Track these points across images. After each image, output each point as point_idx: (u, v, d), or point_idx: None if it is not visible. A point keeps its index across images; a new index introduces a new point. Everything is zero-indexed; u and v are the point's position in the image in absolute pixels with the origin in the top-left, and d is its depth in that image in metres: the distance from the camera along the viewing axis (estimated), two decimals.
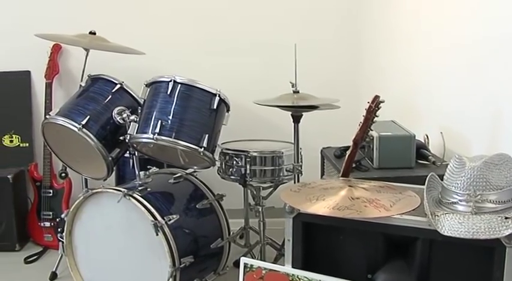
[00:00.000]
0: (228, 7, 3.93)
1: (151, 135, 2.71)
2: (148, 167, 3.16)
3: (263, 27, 3.93)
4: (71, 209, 2.94)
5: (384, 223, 1.84)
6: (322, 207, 1.91)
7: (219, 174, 3.30)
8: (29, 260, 3.69)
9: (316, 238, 2.03)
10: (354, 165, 2.45)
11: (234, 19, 3.94)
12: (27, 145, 4.00)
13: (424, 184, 1.96)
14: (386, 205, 1.89)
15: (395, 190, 2.08)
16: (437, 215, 1.75)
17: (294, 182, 3.07)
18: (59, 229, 3.45)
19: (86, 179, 3.36)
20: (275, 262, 3.23)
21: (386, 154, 2.58)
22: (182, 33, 3.94)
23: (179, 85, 2.79)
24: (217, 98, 2.80)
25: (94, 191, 2.85)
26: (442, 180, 1.90)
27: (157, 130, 2.70)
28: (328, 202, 1.94)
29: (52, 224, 3.80)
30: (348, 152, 2.31)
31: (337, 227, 1.95)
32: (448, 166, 1.86)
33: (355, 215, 1.84)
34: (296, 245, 2.01)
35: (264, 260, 3.13)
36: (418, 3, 3.13)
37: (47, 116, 2.96)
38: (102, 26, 3.55)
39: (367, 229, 1.88)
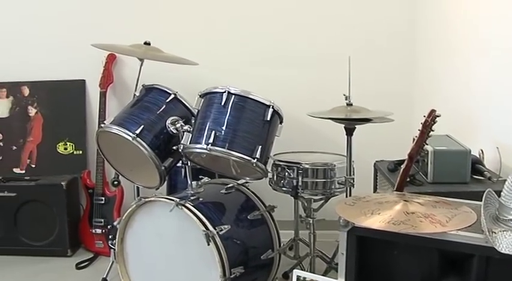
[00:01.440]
0: (282, 19, 3.95)
1: (204, 146, 2.75)
2: (200, 177, 3.20)
3: (317, 39, 3.93)
4: (123, 217, 2.99)
5: (439, 238, 1.83)
6: (377, 221, 1.91)
7: (270, 185, 3.32)
8: (80, 265, 3.77)
9: (370, 252, 2.03)
10: (408, 179, 2.44)
11: (289, 31, 3.95)
12: (80, 152, 4.08)
13: (479, 200, 1.95)
14: (442, 220, 1.89)
15: (451, 205, 2.07)
16: (495, 232, 1.74)
17: (346, 195, 3.08)
18: (110, 236, 3.52)
19: (137, 188, 3.44)
20: (325, 274, 3.24)
21: (441, 169, 2.57)
22: (236, 44, 3.98)
23: (233, 96, 2.83)
24: (270, 110, 2.83)
25: (147, 199, 2.90)
26: (499, 196, 1.88)
27: (210, 141, 2.74)
28: (383, 216, 1.94)
29: (103, 231, 3.87)
30: (403, 166, 2.31)
31: (392, 242, 1.95)
32: (506, 182, 1.84)
33: (411, 230, 1.84)
34: (350, 258, 2.02)
35: (314, 273, 3.13)
36: (475, 13, 3.10)
37: (102, 125, 3.03)
38: (157, 36, 3.63)
39: (422, 244, 1.87)
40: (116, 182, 3.80)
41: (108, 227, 3.77)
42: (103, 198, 3.90)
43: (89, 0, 4.07)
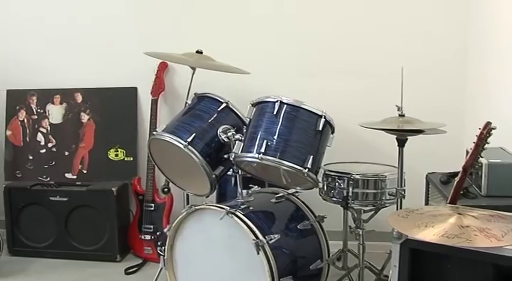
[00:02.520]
0: (335, 28, 3.95)
1: (256, 155, 2.79)
2: (250, 185, 3.23)
3: (370, 50, 3.92)
4: (174, 224, 3.04)
5: (494, 253, 1.82)
6: (430, 234, 1.91)
7: (320, 195, 3.32)
8: (129, 271, 3.84)
9: (423, 265, 2.03)
10: (461, 192, 2.43)
11: (340, 41, 3.95)
12: (131, 159, 4.15)
13: None
14: (498, 234, 1.88)
15: (507, 219, 2.06)
16: None
17: (397, 207, 3.07)
18: (159, 243, 3.58)
19: (187, 195, 3.48)
20: None
21: (496, 182, 2.56)
22: (287, 54, 3.99)
23: (285, 106, 2.86)
24: (322, 120, 2.85)
25: (197, 207, 2.94)
26: None
27: (262, 150, 2.77)
28: (437, 229, 1.94)
29: (152, 237, 3.93)
30: (457, 179, 2.30)
31: (445, 255, 1.95)
32: None
33: (465, 244, 1.84)
34: (402, 271, 2.02)
35: None
36: None
37: (154, 132, 3.09)
38: (209, 45, 3.67)
39: (477, 258, 1.87)
40: (166, 189, 3.85)
41: (157, 233, 3.85)
42: (153, 205, 3.95)
43: (143, 9, 4.15)
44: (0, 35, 4.41)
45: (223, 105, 3.10)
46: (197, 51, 3.56)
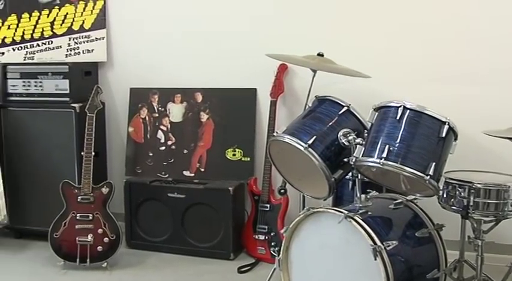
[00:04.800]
0: (461, 34, 3.88)
1: (377, 160, 2.81)
2: (368, 190, 3.23)
3: (498, 56, 3.82)
4: (291, 226, 3.09)
5: None
6: None
7: (440, 203, 3.28)
8: (242, 270, 3.92)
9: None
10: None
11: (467, 46, 3.88)
12: (248, 159, 4.25)
13: None
14: None
15: None
16: None
17: None
18: (273, 243, 3.66)
19: (303, 197, 3.54)
20: None
21: None
22: (409, 59, 3.96)
23: (408, 111, 2.87)
24: (446, 126, 2.84)
25: (315, 210, 2.98)
26: None
27: (384, 155, 2.79)
28: None
29: (266, 237, 4.00)
30: None
31: None
32: None
33: None
34: None
35: None
36: None
37: (275, 134, 3.17)
38: (330, 47, 3.72)
39: None
40: (282, 191, 3.90)
41: (271, 234, 3.92)
42: (268, 205, 4.02)
43: (263, 11, 4.24)
44: (124, 36, 4.65)
45: (345, 108, 3.14)
46: (318, 54, 3.62)
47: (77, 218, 3.93)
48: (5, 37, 4.68)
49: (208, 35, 4.40)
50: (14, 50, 4.69)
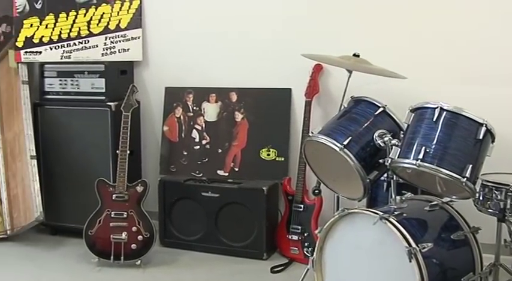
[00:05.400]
0: (501, 34, 3.85)
1: (413, 161, 2.80)
2: (403, 192, 3.23)
3: None
4: (325, 226, 3.10)
5: None
6: None
7: (476, 206, 3.28)
8: (275, 269, 3.94)
9: None
10: None
11: (501, 44, 3.86)
12: (282, 159, 4.26)
13: None
14: None
15: None
16: None
17: None
18: (306, 244, 3.68)
19: (338, 198, 3.55)
20: None
21: None
22: (445, 60, 3.94)
23: (445, 112, 2.85)
24: (483, 128, 2.82)
25: (350, 211, 2.98)
26: None
27: (420, 156, 2.78)
28: None
29: (300, 238, 4.01)
30: None
31: None
32: None
33: None
34: None
35: None
36: None
37: (310, 134, 3.18)
38: (365, 48, 3.72)
39: None
40: (316, 191, 3.90)
41: (305, 234, 3.93)
42: (302, 205, 4.03)
43: (298, 11, 4.26)
44: (159, 36, 4.69)
45: (380, 109, 3.14)
46: (354, 54, 3.62)
47: (112, 216, 3.98)
48: (42, 36, 4.75)
49: (244, 35, 4.43)
50: (51, 49, 4.76)
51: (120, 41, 4.68)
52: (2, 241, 4.52)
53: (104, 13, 4.69)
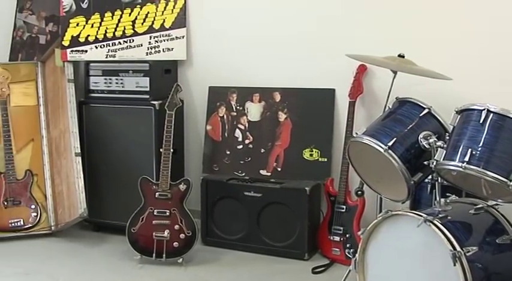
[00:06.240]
0: None
1: (459, 164, 2.79)
2: (447, 194, 3.21)
3: None
4: (368, 228, 3.10)
5: None
6: None
7: None
8: (316, 270, 3.95)
9: None
10: None
11: None
12: (325, 160, 4.27)
13: None
14: None
15: None
16: None
17: None
18: (348, 245, 3.68)
19: (381, 200, 3.54)
20: None
21: None
22: (491, 61, 3.89)
23: (492, 114, 2.83)
24: None
25: (394, 212, 2.98)
26: None
27: (466, 159, 2.77)
28: None
29: (341, 239, 4.01)
30: None
31: None
32: None
33: None
34: None
35: None
36: None
37: (354, 135, 3.19)
38: (411, 49, 3.69)
39: None
40: (359, 192, 3.87)
41: (347, 235, 3.94)
42: (344, 206, 4.03)
43: (343, 11, 4.26)
44: (203, 35, 4.74)
45: (426, 110, 3.14)
46: (399, 55, 3.60)
47: (155, 213, 4.04)
48: (88, 35, 4.83)
49: (288, 35, 4.44)
50: (96, 48, 4.84)
51: (164, 40, 4.73)
52: (46, 236, 4.62)
53: (148, 12, 4.75)
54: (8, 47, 5.32)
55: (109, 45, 4.84)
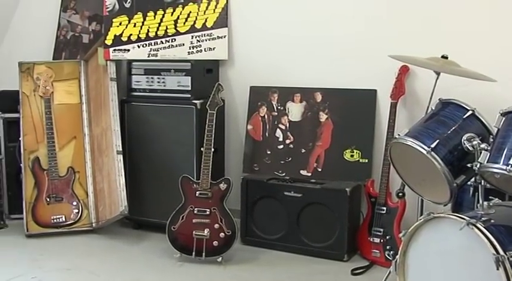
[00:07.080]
0: None
1: (503, 166, 2.76)
2: (490, 197, 3.17)
3: None
4: (409, 230, 3.08)
5: None
6: None
7: None
8: (356, 272, 3.94)
9: None
10: None
11: None
12: (366, 161, 4.26)
13: None
14: None
15: None
16: None
17: None
18: (388, 247, 3.67)
19: (422, 202, 3.53)
20: None
21: None
22: None
23: None
24: None
25: (436, 215, 2.96)
26: None
27: (510, 162, 2.74)
28: None
29: (381, 241, 3.99)
30: None
31: None
32: None
33: None
34: None
35: None
36: None
37: (396, 136, 3.18)
38: (454, 50, 3.68)
39: None
40: (400, 194, 3.89)
41: (387, 237, 3.93)
42: (385, 208, 4.01)
43: (384, 12, 4.25)
44: (245, 35, 4.77)
45: (469, 112, 3.11)
46: (442, 56, 3.58)
47: (195, 212, 4.08)
48: (130, 34, 4.89)
49: (329, 35, 4.44)
50: (138, 47, 4.89)
51: (206, 40, 4.77)
52: (87, 233, 4.70)
53: (190, 12, 4.79)
54: (52, 46, 5.43)
55: (151, 45, 4.89)
